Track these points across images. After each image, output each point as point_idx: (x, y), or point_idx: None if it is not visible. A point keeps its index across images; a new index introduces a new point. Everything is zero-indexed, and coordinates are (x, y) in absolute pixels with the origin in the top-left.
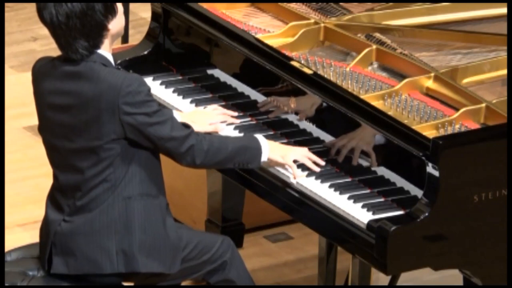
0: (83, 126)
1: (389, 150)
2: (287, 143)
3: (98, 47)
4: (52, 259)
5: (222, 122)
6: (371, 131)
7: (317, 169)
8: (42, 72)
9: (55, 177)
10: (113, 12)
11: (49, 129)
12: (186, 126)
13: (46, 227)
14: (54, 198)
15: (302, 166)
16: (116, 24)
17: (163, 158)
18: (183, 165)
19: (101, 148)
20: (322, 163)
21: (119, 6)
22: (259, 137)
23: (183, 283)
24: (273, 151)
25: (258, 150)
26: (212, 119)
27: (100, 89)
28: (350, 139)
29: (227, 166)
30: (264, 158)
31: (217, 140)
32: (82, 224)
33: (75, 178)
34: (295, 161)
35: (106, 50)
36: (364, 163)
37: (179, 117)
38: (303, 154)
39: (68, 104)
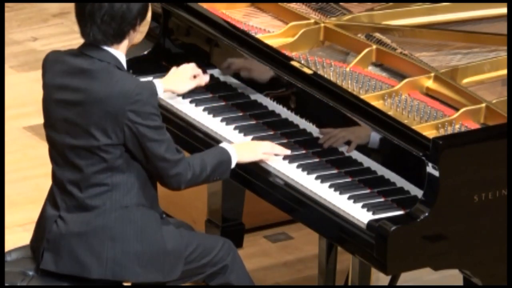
0: (85, 125)
1: (389, 150)
2: (287, 143)
3: (116, 41)
4: (43, 254)
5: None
6: (366, 130)
7: (288, 152)
8: (53, 66)
9: (53, 173)
10: (143, 18)
11: (52, 124)
12: (178, 150)
13: (42, 222)
14: (52, 194)
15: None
16: (137, 34)
17: None
18: (166, 188)
19: (99, 149)
20: (288, 151)
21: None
22: (227, 146)
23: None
24: (241, 155)
25: (229, 162)
26: (190, 72)
27: (110, 91)
28: (342, 131)
29: (204, 183)
30: (233, 165)
31: (198, 164)
32: (77, 225)
33: (73, 175)
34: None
35: (122, 54)
36: (365, 163)
37: (161, 84)
38: (270, 145)
39: (75, 100)
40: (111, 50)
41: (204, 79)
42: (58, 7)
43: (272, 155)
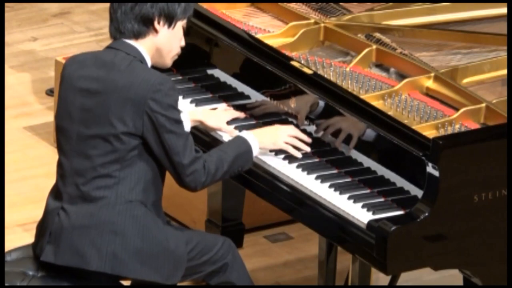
0: (104, 113)
1: (389, 150)
2: None
3: (140, 37)
4: (45, 247)
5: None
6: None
7: (300, 155)
8: (77, 60)
9: (59, 164)
10: (168, 22)
11: (67, 114)
12: (196, 150)
13: (45, 217)
14: (56, 187)
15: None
16: (166, 39)
17: None
18: (183, 188)
19: (114, 138)
20: (309, 140)
21: (180, 30)
22: (247, 135)
23: (183, 284)
24: (262, 142)
25: (249, 153)
26: (227, 118)
27: (132, 80)
28: (337, 122)
29: (225, 178)
30: (255, 153)
31: (213, 162)
32: (80, 217)
33: (81, 164)
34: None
35: (147, 53)
36: (365, 163)
37: (187, 115)
38: (291, 134)
39: (96, 89)
40: (136, 45)
41: (234, 132)
42: (58, 7)
43: (295, 142)
